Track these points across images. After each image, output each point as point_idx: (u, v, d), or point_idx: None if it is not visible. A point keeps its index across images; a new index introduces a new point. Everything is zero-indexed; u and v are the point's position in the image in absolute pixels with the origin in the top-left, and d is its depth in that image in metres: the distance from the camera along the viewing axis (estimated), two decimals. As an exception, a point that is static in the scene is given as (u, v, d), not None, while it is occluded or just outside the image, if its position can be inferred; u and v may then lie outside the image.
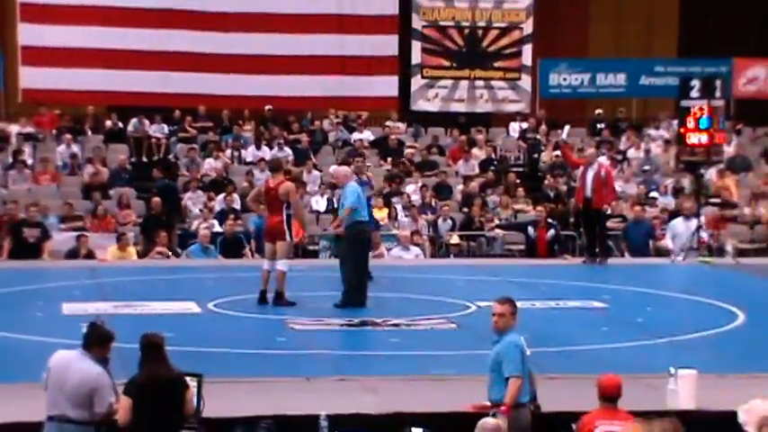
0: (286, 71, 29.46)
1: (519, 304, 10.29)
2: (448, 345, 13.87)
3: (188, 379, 9.66)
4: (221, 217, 23.37)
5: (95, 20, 28.77)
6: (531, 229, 23.20)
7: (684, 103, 22.47)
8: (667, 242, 22.56)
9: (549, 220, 23.30)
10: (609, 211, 22.20)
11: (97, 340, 9.57)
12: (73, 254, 21.69)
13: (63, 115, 28.89)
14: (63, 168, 26.50)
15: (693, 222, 22.03)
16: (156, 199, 23.45)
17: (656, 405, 10.86)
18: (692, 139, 22.24)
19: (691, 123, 22.17)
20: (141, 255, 21.93)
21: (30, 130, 27.85)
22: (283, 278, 16.15)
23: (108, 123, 28.78)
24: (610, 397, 9.76)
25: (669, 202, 25.29)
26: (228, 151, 27.78)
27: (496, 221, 24.35)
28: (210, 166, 26.52)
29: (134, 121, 28.15)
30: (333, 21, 30.02)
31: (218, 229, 22.76)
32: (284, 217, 16.26)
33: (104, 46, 28.79)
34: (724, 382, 11.72)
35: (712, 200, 24.98)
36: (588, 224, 20.98)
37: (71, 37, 28.66)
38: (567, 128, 29.93)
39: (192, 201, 24.75)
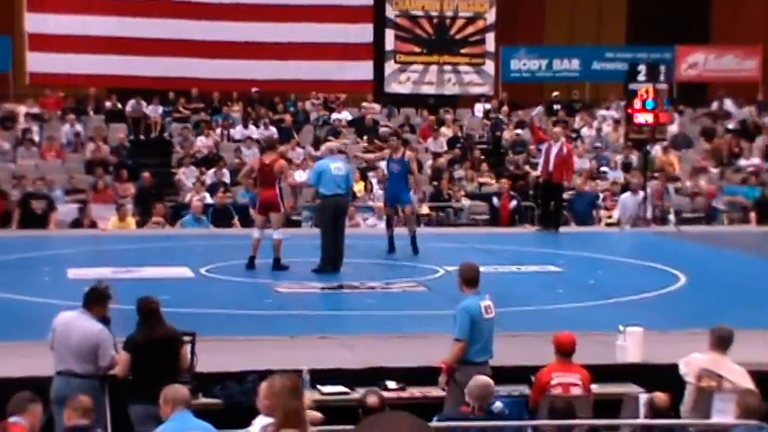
0: (271, 57, 29.37)
1: (483, 269, 10.31)
2: (419, 305, 13.88)
3: (183, 337, 9.68)
4: (212, 190, 23.32)
5: (96, 9, 28.60)
6: (495, 200, 23.25)
7: (632, 86, 22.48)
8: (616, 213, 22.64)
9: (512, 192, 23.36)
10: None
11: (96, 299, 9.58)
12: (77, 224, 21.60)
13: (67, 97, 28.73)
14: (67, 146, 26.37)
15: (640, 195, 22.11)
16: (147, 174, 23.39)
17: (607, 359, 10.93)
18: (639, 119, 22.27)
19: (638, 105, 22.19)
20: (139, 225, 21.87)
21: (36, 110, 27.67)
22: (280, 245, 16.13)
23: (108, 104, 28.66)
24: (565, 352, 9.81)
25: (618, 176, 25.36)
26: (218, 130, 27.68)
27: (463, 193, 24.38)
28: (202, 143, 26.44)
29: (132, 102, 28.02)
30: (313, 11, 29.91)
31: (209, 200, 22.69)
32: (278, 191, 16.27)
33: (104, 33, 28.62)
34: (667, 337, 11.77)
35: (657, 173, 25.07)
36: (547, 197, 20.98)
37: (74, 25, 28.49)
38: (539, 108, 29.93)
39: (186, 175, 24.68)
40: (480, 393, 8.82)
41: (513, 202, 23.29)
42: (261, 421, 7.22)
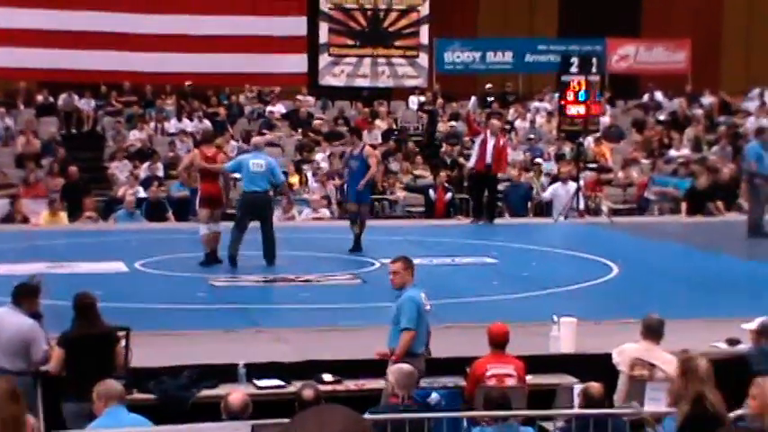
0: (205, 50, 29.16)
1: (418, 261, 10.36)
2: (354, 298, 13.89)
3: (117, 333, 9.61)
4: (146, 184, 23.14)
5: (27, 2, 28.23)
6: (431, 192, 23.31)
7: (564, 78, 22.61)
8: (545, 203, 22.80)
9: (446, 184, 23.44)
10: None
11: (26, 295, 9.50)
12: (8, 219, 21.32)
13: (-3, 90, 28.39)
14: (-2, 140, 26.04)
15: (571, 185, 22.28)
16: (73, 168, 23.17)
17: (541, 350, 11.01)
18: (572, 110, 22.42)
19: (570, 96, 22.34)
20: (71, 219, 21.63)
21: (-34, 104, 27.30)
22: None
23: (39, 98, 28.30)
24: (499, 343, 9.87)
25: (551, 167, 25.53)
26: (152, 123, 27.47)
27: (398, 185, 24.42)
28: (135, 137, 26.22)
29: (64, 95, 27.71)
30: (247, 4, 29.79)
31: (142, 195, 22.51)
32: (222, 184, 16.20)
33: (35, 26, 28.22)
34: (600, 328, 11.88)
35: (590, 165, 25.26)
36: (481, 188, 21.05)
37: (4, 18, 28.09)
38: (473, 99, 30.00)
39: (119, 169, 24.45)
40: (407, 382, 8.86)
41: (449, 194, 23.37)
42: None
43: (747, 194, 20.31)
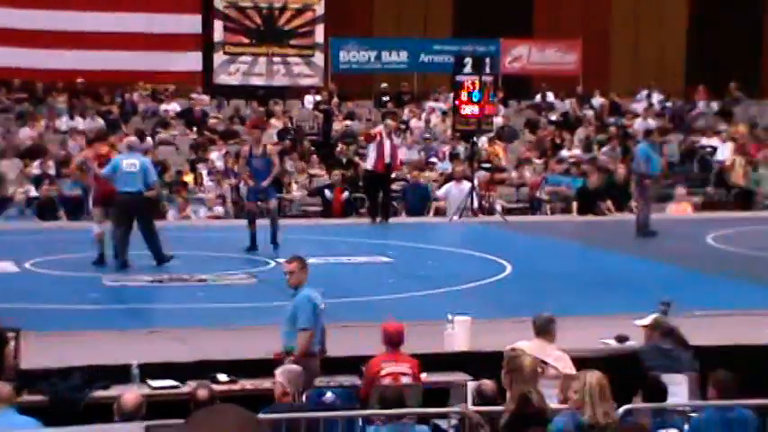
0: (98, 47, 28.80)
1: (314, 260, 10.37)
2: (249, 298, 13.85)
3: (7, 334, 9.44)
4: (37, 182, 22.75)
5: None
6: (327, 192, 23.31)
7: (459, 78, 22.78)
8: (443, 203, 22.97)
9: (344, 184, 23.46)
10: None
11: None
12: None
13: None
14: None
15: (465, 185, 22.46)
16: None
17: (435, 348, 11.08)
18: (466, 110, 22.59)
19: (464, 96, 22.51)
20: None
21: None
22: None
23: (-74, 94, 27.70)
24: (393, 342, 9.92)
25: (446, 167, 25.71)
26: (43, 121, 27.02)
27: (294, 185, 24.37)
28: (26, 134, 25.76)
29: (-49, 92, 27.15)
30: (140, 1, 29.50)
31: (34, 193, 22.14)
32: None
33: None
34: (494, 326, 11.99)
35: (484, 165, 25.50)
36: (378, 188, 21.11)
37: None
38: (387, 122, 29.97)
39: (9, 167, 23.99)
40: (298, 381, 8.87)
41: (345, 194, 23.40)
42: None
43: (636, 194, 20.75)
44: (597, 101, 31.53)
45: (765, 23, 34.96)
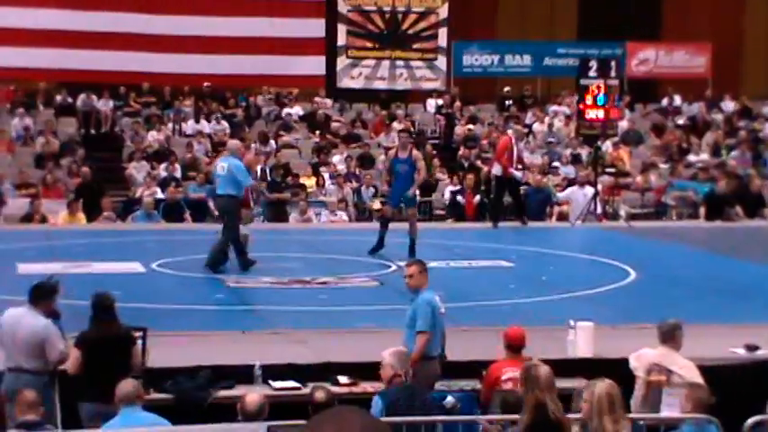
0: (223, 51, 29.25)
1: (435, 264, 10.36)
2: (371, 300, 13.89)
3: (134, 334, 9.63)
4: (163, 185, 23.20)
5: (47, 2, 28.37)
6: (459, 197, 23.34)
7: (583, 81, 22.60)
8: (566, 207, 22.75)
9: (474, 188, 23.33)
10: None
11: (42, 295, 9.54)
12: (27, 218, 21.41)
13: (17, 90, 28.46)
14: (17, 139, 26.13)
15: (589, 189, 22.24)
16: (86, 169, 23.27)
17: (558, 354, 10.98)
18: (590, 114, 22.41)
19: (589, 100, 22.32)
20: (89, 220, 21.70)
21: (-15, 104, 27.46)
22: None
23: (58, 98, 28.41)
24: (515, 347, 9.85)
25: (569, 171, 25.50)
26: (170, 124, 27.55)
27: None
28: (153, 138, 26.29)
29: (83, 96, 27.79)
30: (265, 5, 29.84)
31: (160, 195, 22.58)
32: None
33: (55, 27, 28.37)
34: (617, 332, 11.86)
35: (608, 169, 25.21)
36: (504, 192, 21.05)
37: (25, 18, 28.21)
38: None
39: (137, 170, 24.53)
40: (406, 361, 8.91)
41: (478, 197, 23.35)
42: None
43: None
44: (727, 104, 30.92)
45: None
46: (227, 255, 15.65)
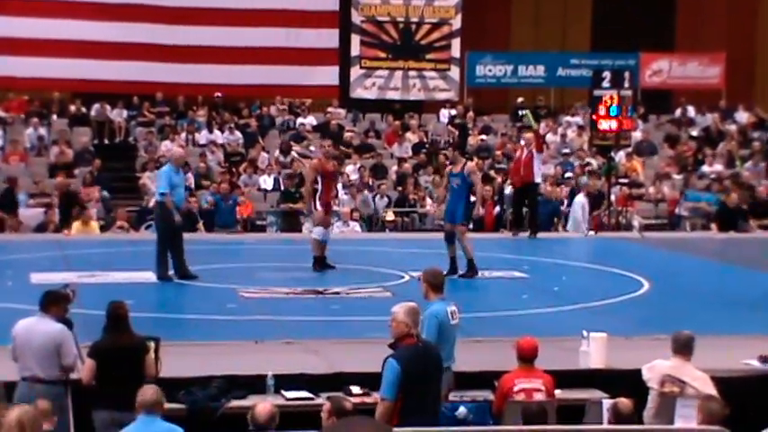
0: (237, 61, 29.32)
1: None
2: (383, 311, 13.83)
3: (148, 344, 9.64)
4: (177, 194, 23.21)
5: (61, 13, 28.47)
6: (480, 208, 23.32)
7: (597, 92, 22.61)
8: (575, 216, 22.70)
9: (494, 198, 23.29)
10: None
11: (53, 302, 9.57)
12: (41, 228, 21.47)
13: (31, 101, 28.55)
14: (31, 149, 26.23)
15: (601, 200, 22.22)
16: (60, 178, 23.32)
17: (570, 365, 10.97)
18: (604, 125, 22.40)
19: (602, 111, 22.32)
20: (102, 229, 21.75)
21: (0, 114, 27.51)
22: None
23: (72, 108, 28.49)
24: (527, 358, 9.83)
25: (583, 181, 25.44)
26: (183, 134, 27.61)
27: (429, 199, 24.41)
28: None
29: (96, 106, 27.89)
30: (279, 15, 29.90)
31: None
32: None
33: (69, 37, 28.50)
34: (630, 343, 11.84)
35: (621, 180, 25.19)
36: (523, 202, 21.03)
37: (39, 28, 28.33)
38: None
39: (150, 180, 24.54)
40: (417, 318, 8.80)
41: (497, 208, 23.29)
42: None
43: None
44: (741, 115, 30.86)
45: None
46: (166, 259, 15.70)
